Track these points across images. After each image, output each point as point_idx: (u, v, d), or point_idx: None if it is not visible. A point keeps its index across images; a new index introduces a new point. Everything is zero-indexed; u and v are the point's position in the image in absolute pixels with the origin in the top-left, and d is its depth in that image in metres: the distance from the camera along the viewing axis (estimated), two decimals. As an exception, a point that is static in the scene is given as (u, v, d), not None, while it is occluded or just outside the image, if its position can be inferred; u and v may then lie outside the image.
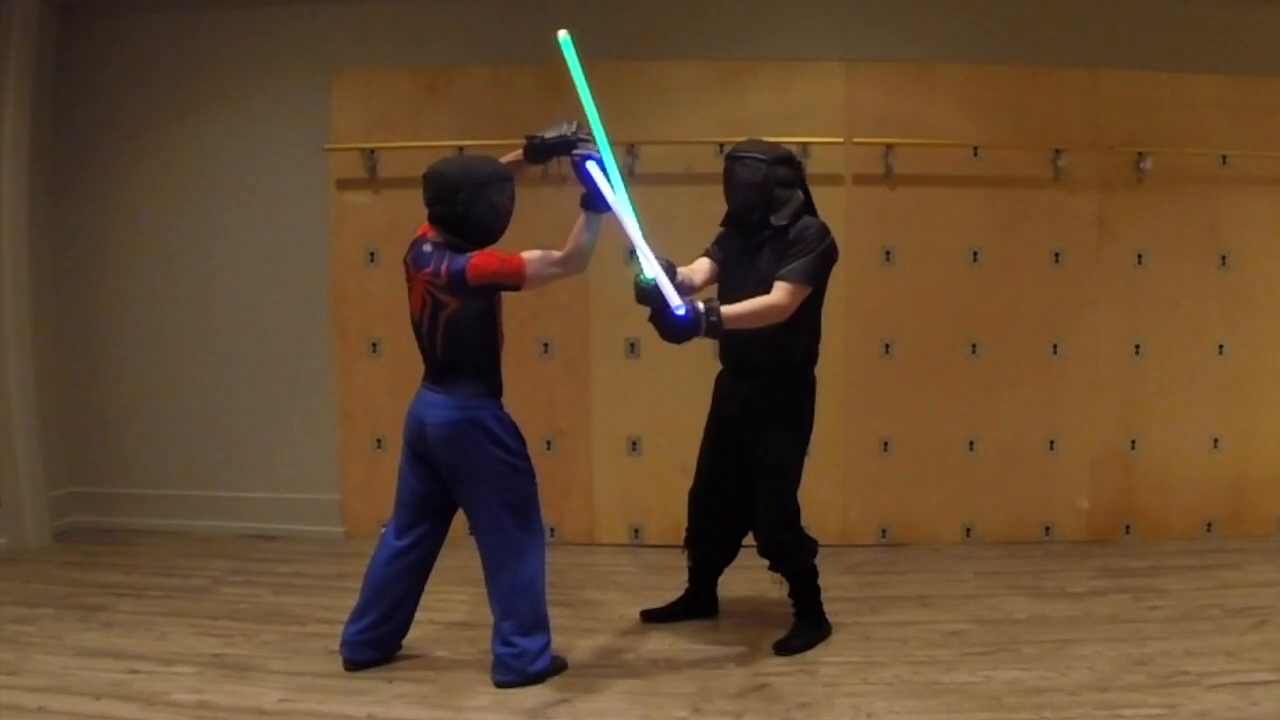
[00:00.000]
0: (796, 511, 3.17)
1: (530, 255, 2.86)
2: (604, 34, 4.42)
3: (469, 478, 2.90)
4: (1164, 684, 2.86)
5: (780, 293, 2.97)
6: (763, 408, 3.13)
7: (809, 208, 3.18)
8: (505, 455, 2.89)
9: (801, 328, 3.10)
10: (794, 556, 3.17)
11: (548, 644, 2.96)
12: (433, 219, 2.89)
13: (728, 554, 3.42)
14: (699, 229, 4.42)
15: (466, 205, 2.84)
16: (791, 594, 3.26)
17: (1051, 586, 3.81)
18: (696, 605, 3.50)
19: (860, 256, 4.38)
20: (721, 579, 3.82)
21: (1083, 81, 4.36)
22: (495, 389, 2.96)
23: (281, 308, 4.58)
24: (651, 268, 2.78)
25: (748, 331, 2.98)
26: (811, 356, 3.22)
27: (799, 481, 3.19)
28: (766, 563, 3.24)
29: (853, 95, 4.34)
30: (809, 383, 3.22)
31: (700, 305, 2.79)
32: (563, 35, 2.82)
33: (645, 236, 2.83)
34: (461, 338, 2.86)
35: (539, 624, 2.94)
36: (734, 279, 3.16)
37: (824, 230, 3.11)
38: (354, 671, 3.00)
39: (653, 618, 3.47)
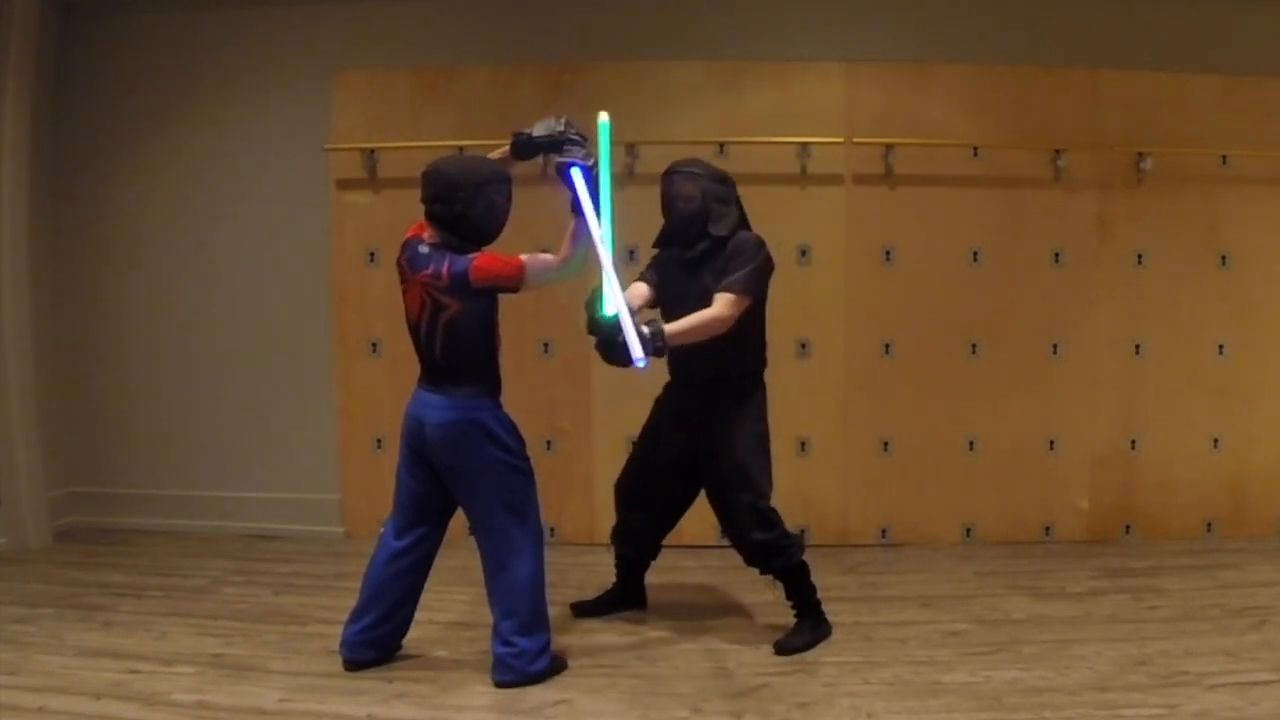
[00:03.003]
0: (774, 510, 3.17)
1: (528, 258, 2.87)
2: (604, 34, 4.43)
3: (469, 478, 2.90)
4: (1164, 684, 2.86)
5: (721, 304, 3.04)
6: (721, 418, 3.17)
7: (744, 224, 3.25)
8: (505, 455, 2.89)
9: (749, 337, 3.17)
10: (781, 552, 3.16)
11: (547, 644, 2.96)
12: (430, 217, 2.89)
13: (651, 551, 3.51)
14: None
15: (466, 205, 2.84)
16: (788, 595, 3.26)
17: (1051, 586, 3.81)
18: (625, 599, 3.55)
19: (860, 256, 4.38)
20: (722, 580, 3.82)
21: (1083, 81, 4.36)
22: (494, 389, 2.96)
23: (281, 308, 4.58)
24: (614, 303, 2.80)
25: (697, 346, 3.05)
26: (762, 362, 3.28)
27: (771, 482, 3.20)
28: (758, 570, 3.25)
29: (853, 95, 4.34)
30: (759, 384, 3.27)
31: (645, 329, 2.82)
32: (603, 118, 2.89)
33: (614, 262, 2.84)
34: (461, 339, 2.87)
35: (539, 624, 2.94)
36: (676, 295, 3.20)
37: (760, 242, 3.18)
38: (354, 671, 3.00)
39: (583, 611, 3.52)
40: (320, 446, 4.57)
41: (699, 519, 4.44)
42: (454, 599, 3.62)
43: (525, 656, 2.89)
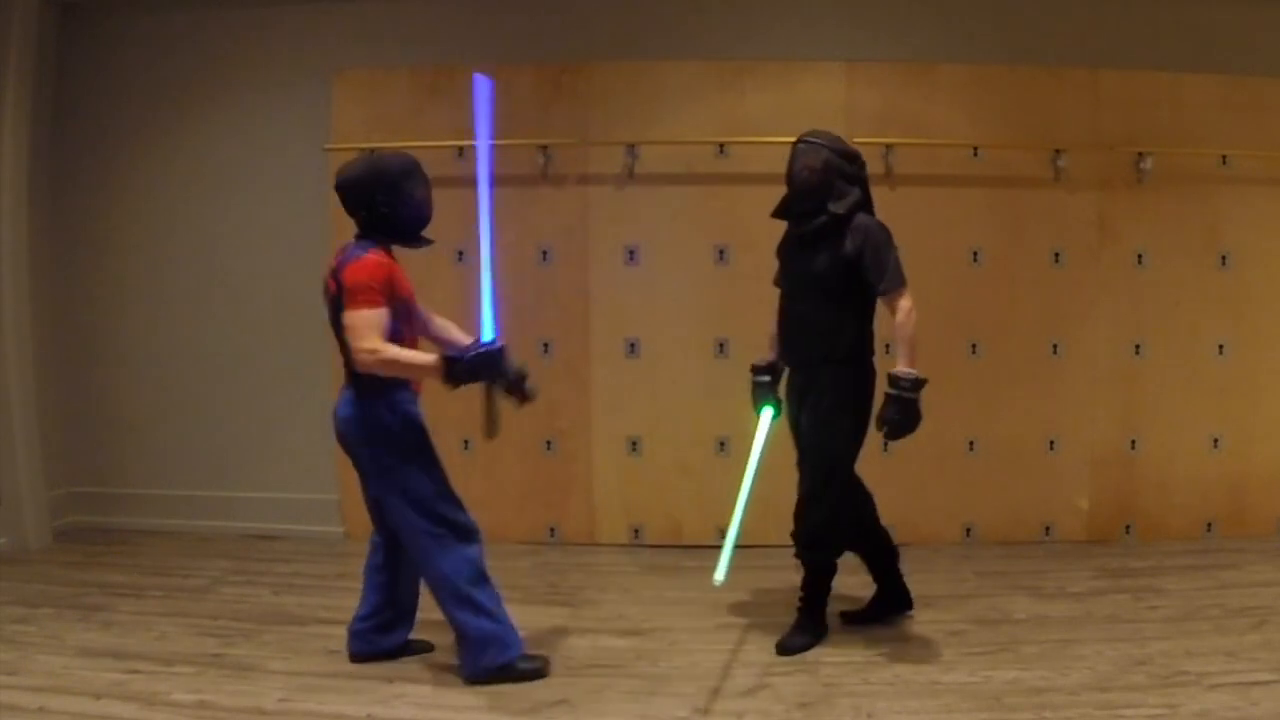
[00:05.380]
0: (837, 500, 3.11)
1: (370, 314, 2.72)
2: (604, 34, 4.43)
3: (368, 472, 2.88)
4: (1164, 684, 2.86)
5: (899, 308, 3.04)
6: (813, 395, 3.12)
7: (867, 207, 3.17)
8: (390, 450, 2.81)
9: (848, 319, 3.11)
10: (821, 546, 3.12)
11: (493, 637, 2.86)
12: (360, 225, 2.87)
13: (870, 538, 3.35)
14: (699, 229, 4.45)
15: (389, 205, 2.82)
16: (803, 585, 3.23)
17: (1051, 586, 3.81)
18: (887, 602, 3.42)
19: (860, 256, 4.38)
20: (718, 580, 3.81)
21: (1083, 81, 4.36)
22: (398, 381, 2.85)
23: (281, 307, 4.58)
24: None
25: (807, 326, 3.11)
26: (864, 346, 3.17)
27: (845, 472, 3.15)
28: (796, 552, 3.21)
29: (853, 95, 4.34)
30: (862, 372, 3.16)
31: (892, 391, 2.98)
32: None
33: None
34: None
35: (472, 618, 2.84)
36: (789, 275, 3.23)
37: (886, 229, 3.11)
38: (358, 663, 3.00)
39: (852, 620, 3.40)
40: (320, 446, 4.55)
41: (700, 518, 4.45)
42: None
43: (472, 650, 2.86)
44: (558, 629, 3.37)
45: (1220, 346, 4.43)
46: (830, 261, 3.06)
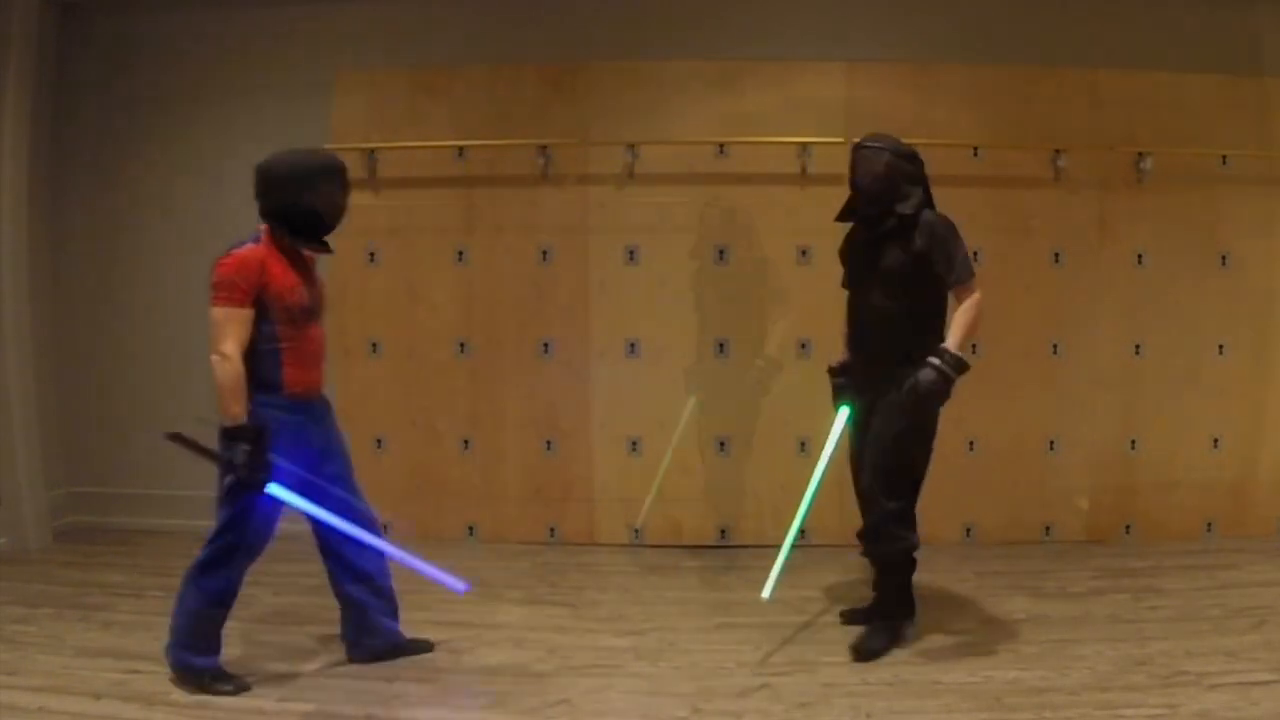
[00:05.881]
0: (908, 493, 3.14)
1: (223, 313, 2.79)
2: (604, 34, 4.43)
3: None
4: (1164, 684, 2.86)
5: (968, 298, 3.05)
6: (888, 391, 3.10)
7: (929, 202, 3.21)
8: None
9: (921, 316, 3.11)
10: (893, 539, 3.11)
11: (205, 668, 2.86)
12: (261, 213, 2.86)
13: None
14: (699, 229, 4.44)
15: (295, 197, 2.82)
16: (875, 584, 3.22)
17: (1051, 586, 3.81)
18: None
19: (860, 256, 4.38)
20: (722, 579, 3.81)
21: (1083, 81, 4.36)
22: (262, 385, 2.88)
23: (281, 308, 4.57)
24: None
25: (880, 324, 3.13)
26: (939, 343, 3.12)
27: (913, 465, 3.17)
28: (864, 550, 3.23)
29: (853, 95, 4.34)
30: None
31: (935, 360, 2.96)
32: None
33: None
34: None
35: (193, 646, 2.85)
36: (856, 274, 3.24)
37: (953, 224, 3.13)
38: (358, 663, 3.01)
39: (851, 619, 3.40)
40: (320, 446, 4.57)
41: (698, 516, 4.45)
42: (453, 599, 3.61)
43: (174, 649, 2.85)
44: (558, 629, 3.37)
45: (1220, 346, 4.43)
46: (900, 260, 3.09)
